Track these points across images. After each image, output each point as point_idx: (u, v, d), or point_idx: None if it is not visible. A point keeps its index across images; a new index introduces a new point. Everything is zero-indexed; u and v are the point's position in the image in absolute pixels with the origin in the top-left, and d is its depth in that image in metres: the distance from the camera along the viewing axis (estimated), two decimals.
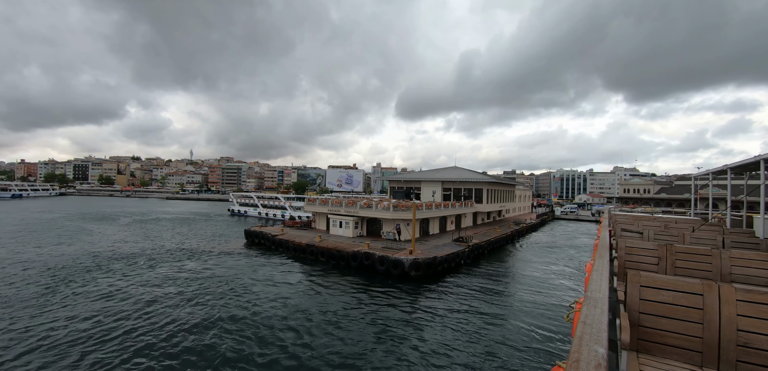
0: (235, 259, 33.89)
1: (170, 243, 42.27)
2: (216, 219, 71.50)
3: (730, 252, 6.02)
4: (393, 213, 36.97)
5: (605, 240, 9.06)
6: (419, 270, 27.68)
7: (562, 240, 53.16)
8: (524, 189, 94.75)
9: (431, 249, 32.63)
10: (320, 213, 43.59)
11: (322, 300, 22.51)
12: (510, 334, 17.77)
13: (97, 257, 33.14)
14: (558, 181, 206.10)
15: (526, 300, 23.55)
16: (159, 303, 21.00)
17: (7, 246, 37.02)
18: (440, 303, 22.32)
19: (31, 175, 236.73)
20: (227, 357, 14.88)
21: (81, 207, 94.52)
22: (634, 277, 3.81)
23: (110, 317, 18.72)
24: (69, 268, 28.77)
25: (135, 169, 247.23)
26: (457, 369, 14.12)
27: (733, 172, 15.74)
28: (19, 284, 24.15)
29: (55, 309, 19.66)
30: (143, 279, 26.16)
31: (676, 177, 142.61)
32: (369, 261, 29.66)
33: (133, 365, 14.03)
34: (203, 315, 19.43)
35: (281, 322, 18.71)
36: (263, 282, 26.14)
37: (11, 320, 17.99)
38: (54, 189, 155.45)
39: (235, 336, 16.80)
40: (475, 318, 19.93)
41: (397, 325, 18.70)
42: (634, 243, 6.94)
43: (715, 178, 20.99)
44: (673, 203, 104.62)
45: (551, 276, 30.72)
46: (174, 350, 15.29)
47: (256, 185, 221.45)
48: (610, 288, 4.68)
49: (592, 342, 2.43)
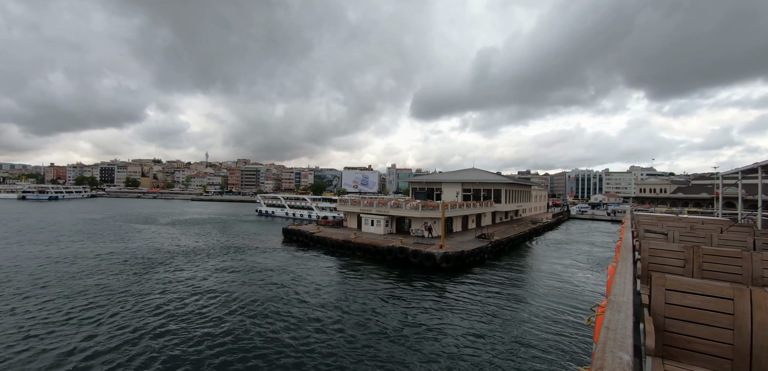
0: (279, 253, 37.90)
1: (216, 240, 46.67)
2: (246, 220, 76.15)
3: (761, 255, 5.73)
4: (421, 213, 40.51)
5: (628, 241, 8.82)
6: (449, 263, 31.12)
7: (578, 237, 55.77)
8: (540, 190, 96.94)
9: (457, 244, 36.00)
10: (352, 212, 47.43)
11: (365, 287, 26.18)
12: (531, 330, 21.00)
13: (160, 251, 37.61)
14: (573, 180, 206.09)
15: (545, 295, 26.74)
16: (230, 287, 25.02)
17: (86, 245, 41.90)
18: (468, 293, 25.72)
19: (61, 178, 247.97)
20: (293, 332, 18.64)
21: (117, 208, 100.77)
22: (659, 280, 3.71)
23: (199, 294, 22.76)
24: (144, 261, 33.18)
25: (157, 172, 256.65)
26: (484, 366, 17.48)
27: (765, 171, 14.94)
28: (111, 275, 28.56)
29: (154, 295, 23.83)
30: (209, 268, 30.31)
31: (694, 176, 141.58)
32: (403, 254, 33.23)
33: (234, 324, 17.90)
34: (269, 296, 23.30)
35: (334, 305, 22.44)
36: (310, 272, 29.99)
37: (125, 301, 22.19)
38: (86, 192, 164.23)
39: (296, 317, 20.58)
40: (500, 310, 23.28)
41: (431, 311, 22.22)
42: (658, 244, 6.73)
43: (744, 177, 19.77)
44: (689, 203, 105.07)
45: (569, 271, 33.75)
46: (253, 319, 19.15)
47: (274, 186, 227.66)
48: (633, 291, 4.62)
49: (616, 349, 2.36)
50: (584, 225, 77.82)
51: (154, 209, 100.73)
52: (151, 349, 15.64)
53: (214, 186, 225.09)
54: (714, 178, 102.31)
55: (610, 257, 40.26)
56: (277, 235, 51.21)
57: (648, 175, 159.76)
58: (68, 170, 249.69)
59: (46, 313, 19.64)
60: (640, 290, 5.74)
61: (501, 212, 62.07)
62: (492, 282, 28.26)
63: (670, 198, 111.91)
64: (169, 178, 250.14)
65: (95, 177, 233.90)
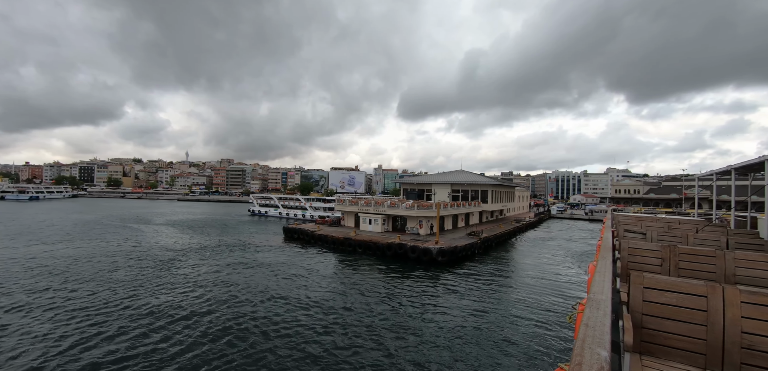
0: (283, 250, 40.30)
1: (220, 239, 48.55)
2: (241, 220, 77.62)
3: (734, 254, 6.00)
4: (417, 212, 43.66)
5: (608, 241, 9.08)
6: (445, 257, 34.32)
7: (558, 234, 60.17)
8: (522, 190, 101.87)
9: (451, 240, 39.27)
10: (350, 211, 50.15)
11: (370, 277, 29.07)
12: (519, 317, 24.42)
13: (171, 250, 39.44)
14: (553, 181, 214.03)
15: (530, 286, 30.26)
16: (246, 280, 27.46)
17: (98, 246, 43.16)
18: (465, 283, 28.97)
19: (36, 177, 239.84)
20: (308, 313, 21.41)
21: (105, 209, 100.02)
22: (637, 278, 3.81)
23: (221, 285, 25.15)
24: (158, 259, 35.05)
25: (139, 171, 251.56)
26: (482, 343, 20.70)
27: (737, 173, 15.75)
28: (130, 270, 30.49)
29: (179, 285, 26.06)
30: (221, 263, 32.53)
31: (665, 177, 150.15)
32: (402, 250, 36.24)
33: (254, 306, 20.48)
34: (284, 286, 25.93)
35: (343, 293, 25.28)
36: (317, 266, 32.65)
37: (156, 289, 24.38)
38: (67, 192, 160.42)
39: (306, 303, 23.33)
40: (490, 296, 26.63)
41: (432, 297, 25.35)
42: (637, 244, 6.98)
43: (718, 179, 20.76)
44: (660, 203, 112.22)
45: (550, 265, 37.53)
46: (267, 304, 21.80)
47: (260, 186, 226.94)
48: (613, 289, 4.70)
49: (594, 345, 2.41)
50: (564, 224, 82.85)
51: (143, 209, 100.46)
52: (201, 332, 18.13)
53: (199, 187, 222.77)
54: (682, 180, 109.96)
55: (586, 251, 44.47)
56: (277, 234, 53.40)
57: (623, 177, 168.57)
58: (45, 169, 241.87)
59: (105, 305, 21.75)
60: (619, 288, 5.90)
61: (487, 211, 65.95)
62: (483, 274, 31.59)
63: (643, 199, 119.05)
64: (151, 178, 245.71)
65: (74, 176, 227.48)
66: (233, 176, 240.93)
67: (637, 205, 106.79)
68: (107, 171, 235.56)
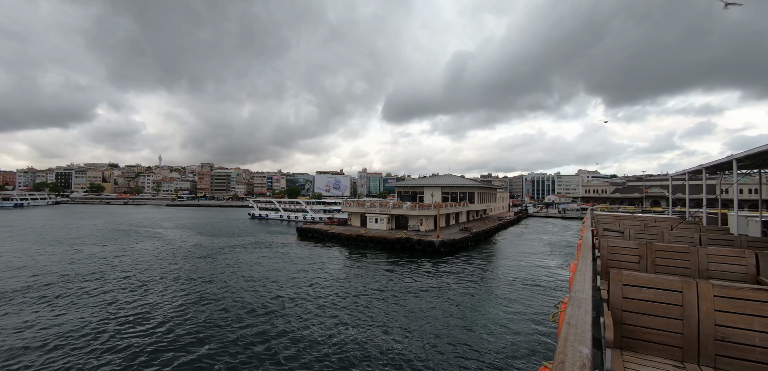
0: (300, 247, 46.50)
1: (242, 239, 54.05)
2: (244, 223, 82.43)
3: (706, 249, 6.19)
4: (418, 212, 50.94)
5: (588, 240, 9.21)
6: (446, 248, 41.64)
7: (535, 230, 68.99)
8: (502, 192, 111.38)
9: (448, 235, 46.64)
10: (356, 212, 56.83)
11: (385, 266, 35.90)
12: (508, 293, 31.92)
13: (215, 249, 44.86)
14: (530, 183, 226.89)
15: (515, 267, 37.96)
16: (280, 272, 33.75)
17: (118, 248, 47.86)
18: (464, 267, 36.29)
19: (9, 184, 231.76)
20: (331, 301, 28.12)
21: (98, 216, 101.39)
22: (617, 276, 3.90)
23: (258, 280, 31.33)
24: (210, 256, 40.56)
25: (117, 177, 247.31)
26: (478, 317, 27.93)
27: (708, 172, 15.93)
28: (182, 266, 36.06)
29: (217, 283, 32.04)
30: (252, 259, 38.50)
31: (632, 178, 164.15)
32: (409, 243, 43.29)
33: (284, 300, 26.93)
34: (311, 276, 32.43)
35: (361, 279, 32.04)
36: (336, 259, 39.24)
37: (192, 287, 30.33)
38: (50, 199, 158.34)
39: (335, 289, 30.01)
40: (479, 287, 34.08)
41: (438, 279, 32.53)
42: (616, 242, 7.12)
43: (691, 178, 21.58)
44: (625, 201, 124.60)
45: (529, 254, 45.56)
46: (307, 289, 28.36)
47: (246, 191, 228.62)
48: (593, 287, 4.95)
49: (576, 343, 2.46)
50: (539, 222, 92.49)
51: (141, 215, 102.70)
52: (244, 312, 24.47)
53: (184, 192, 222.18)
54: (644, 180, 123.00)
55: (558, 241, 52.97)
56: (291, 234, 59.30)
57: (593, 178, 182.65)
58: (18, 175, 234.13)
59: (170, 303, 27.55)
60: (600, 286, 6.05)
61: (474, 211, 74.15)
62: (476, 258, 39.08)
63: (610, 198, 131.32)
64: (131, 183, 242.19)
65: (53, 182, 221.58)
66: (218, 181, 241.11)
67: (603, 203, 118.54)
68: (86, 177, 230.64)
